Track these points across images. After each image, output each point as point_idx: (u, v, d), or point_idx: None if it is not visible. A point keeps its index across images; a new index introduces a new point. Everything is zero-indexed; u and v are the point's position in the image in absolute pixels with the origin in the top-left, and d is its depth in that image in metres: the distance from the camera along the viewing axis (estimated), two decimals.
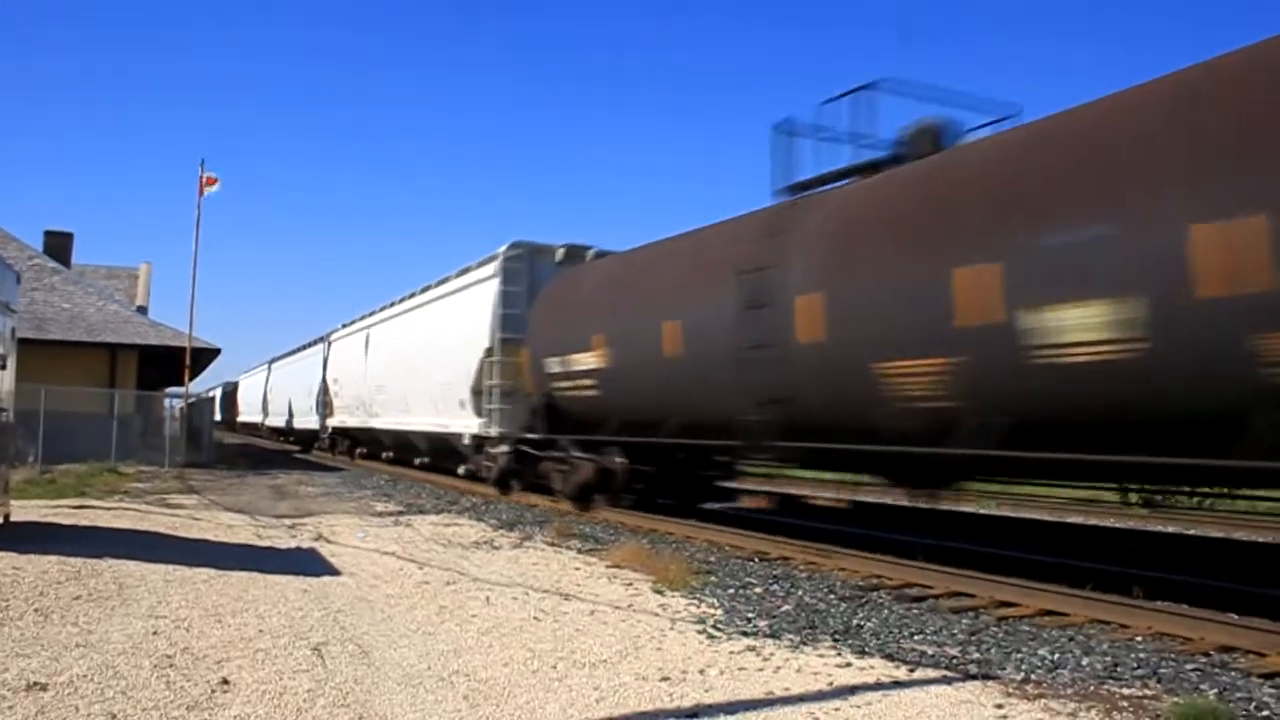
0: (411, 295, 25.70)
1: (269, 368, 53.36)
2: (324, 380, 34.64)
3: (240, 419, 68.55)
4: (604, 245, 19.17)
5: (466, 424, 19.42)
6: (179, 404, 28.57)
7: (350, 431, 31.47)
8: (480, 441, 18.94)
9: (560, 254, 18.86)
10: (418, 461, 25.23)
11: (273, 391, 50.66)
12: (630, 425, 13.56)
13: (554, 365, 15.30)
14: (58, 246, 32.92)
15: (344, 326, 33.42)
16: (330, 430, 34.11)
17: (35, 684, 5.27)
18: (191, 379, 27.70)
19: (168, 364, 28.60)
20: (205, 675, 5.59)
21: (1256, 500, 9.81)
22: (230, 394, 75.19)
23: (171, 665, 5.78)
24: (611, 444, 14.32)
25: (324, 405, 34.75)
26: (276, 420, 49.25)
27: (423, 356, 22.55)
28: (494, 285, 18.56)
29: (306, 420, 39.32)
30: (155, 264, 48.57)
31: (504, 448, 17.87)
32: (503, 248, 18.65)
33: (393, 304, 27.47)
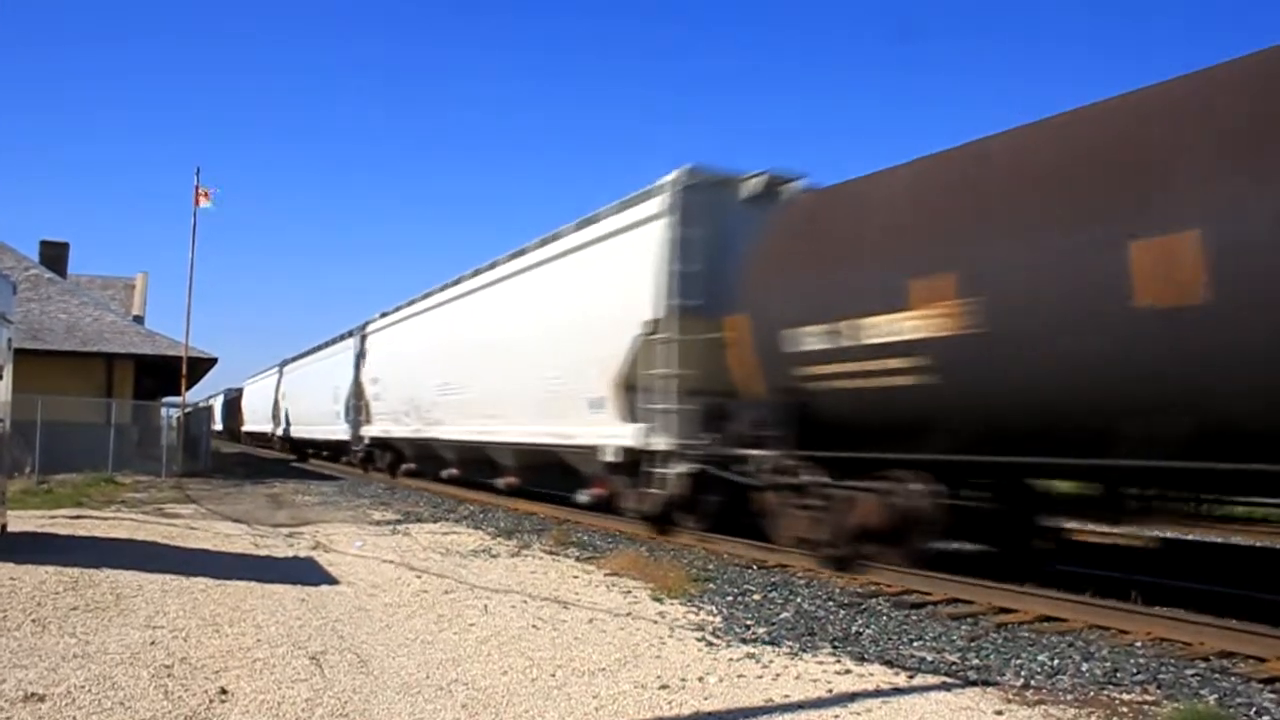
0: (493, 265, 19.80)
1: (280, 371, 47.11)
2: (357, 381, 29.42)
3: (246, 428, 61.66)
4: None
5: (609, 433, 14.00)
6: (176, 413, 28.53)
7: (394, 442, 26.25)
8: (635, 458, 13.42)
9: (754, 186, 13.15)
10: (503, 484, 19.23)
11: (287, 397, 44.63)
12: (999, 434, 8.44)
13: (809, 340, 10.11)
14: (54, 257, 32.90)
15: (384, 315, 27.97)
16: (367, 441, 28.80)
17: (33, 695, 5.25)
18: (188, 388, 27.66)
19: (164, 373, 28.56)
20: (203, 685, 5.57)
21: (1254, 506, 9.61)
22: (233, 402, 69.13)
23: (169, 675, 5.77)
24: (908, 465, 9.42)
25: (357, 411, 29.47)
26: (292, 429, 43.19)
27: (522, 342, 17.21)
28: (660, 229, 12.95)
29: (332, 429, 33.46)
30: (152, 274, 48.29)
31: (681, 468, 12.56)
32: (674, 173, 13.03)
33: (462, 279, 21.62)
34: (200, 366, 30.72)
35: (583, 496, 15.40)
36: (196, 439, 30.16)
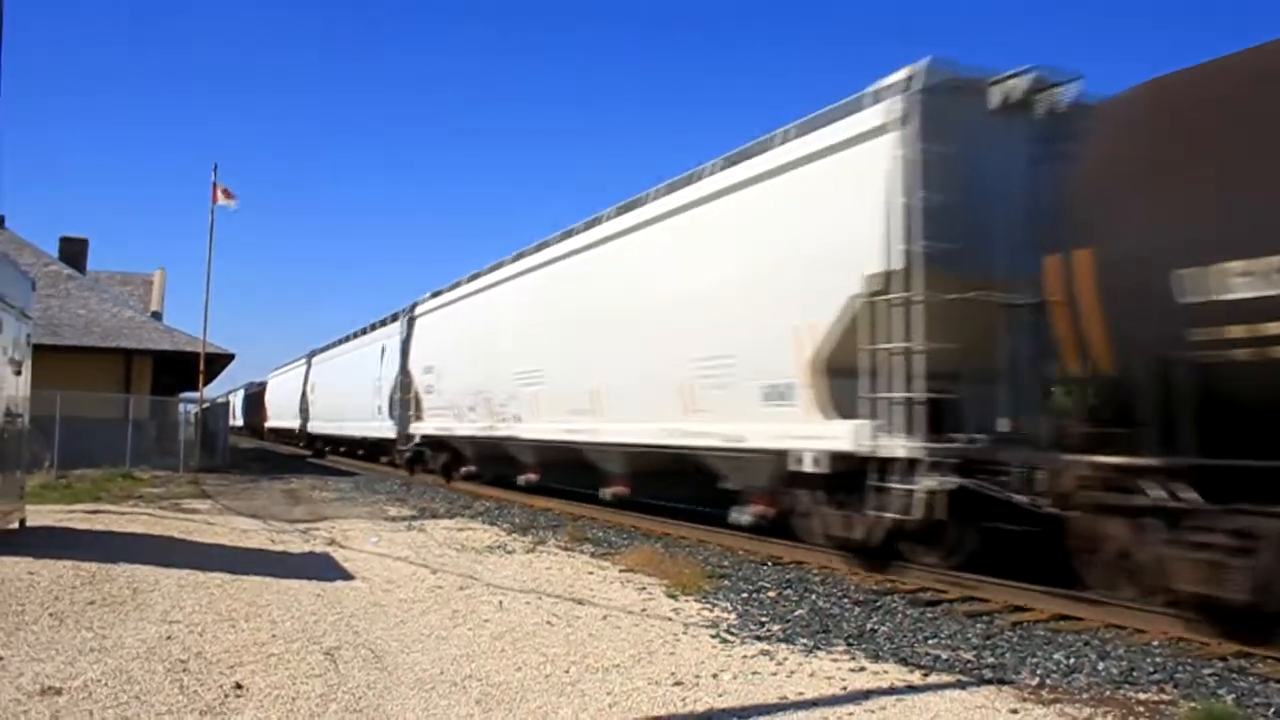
0: (596, 221, 15.60)
1: (308, 362, 43.02)
2: (404, 371, 25.46)
3: (270, 424, 57.15)
4: None
5: (805, 433, 10.27)
6: (194, 409, 28.68)
7: (452, 442, 22.30)
8: (853, 466, 9.64)
9: (1011, 91, 9.38)
10: (609, 494, 15.03)
11: (316, 390, 40.39)
12: None
13: (1240, 283, 6.40)
14: (73, 253, 33.07)
15: (437, 295, 24.19)
16: (417, 440, 24.73)
17: (50, 688, 5.29)
18: (206, 384, 27.84)
19: (182, 369, 28.72)
20: (218, 680, 5.60)
21: None
22: (256, 396, 64.36)
23: (185, 670, 5.80)
24: None
25: (404, 406, 25.45)
26: (323, 425, 38.87)
27: (650, 314, 13.30)
28: (890, 146, 9.37)
29: (371, 425, 29.48)
30: (170, 269, 48.13)
31: (932, 482, 8.79)
32: (905, 70, 9.53)
33: (549, 243, 17.44)
34: (218, 362, 30.88)
35: (743, 517, 11.46)
36: (214, 434, 30.27)
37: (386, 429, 27.62)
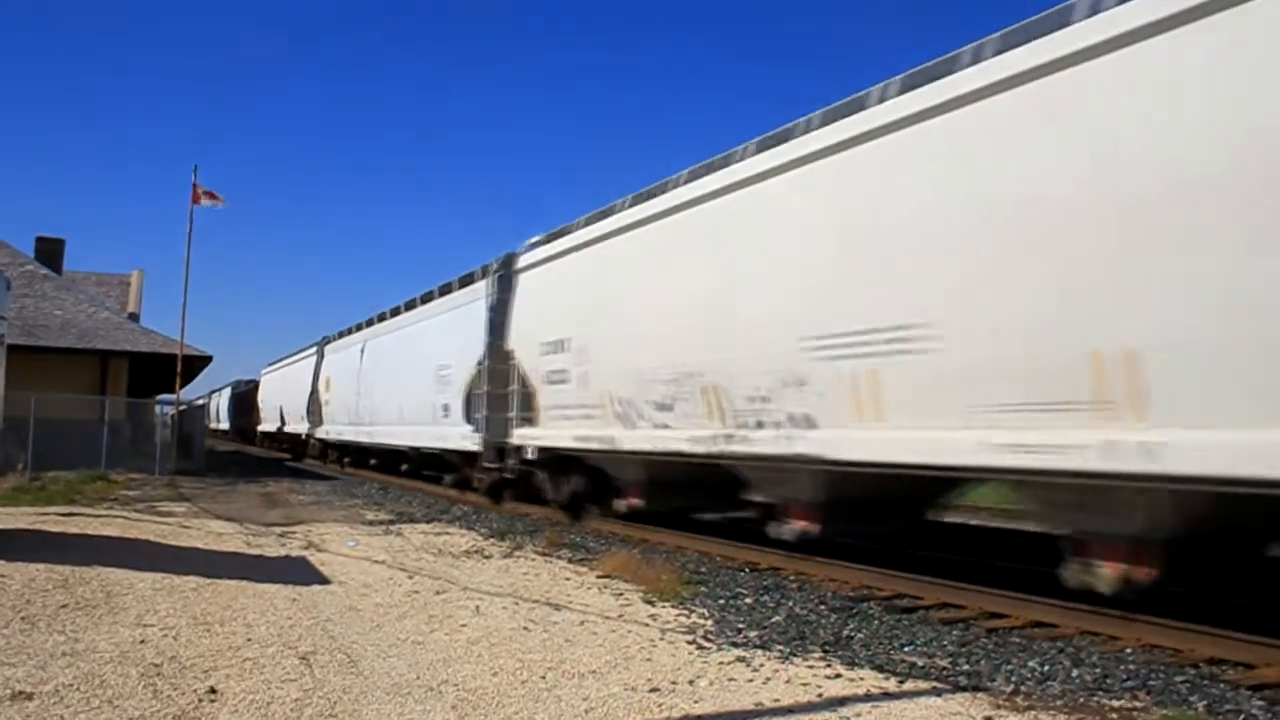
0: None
1: (319, 353, 35.24)
2: (496, 355, 17.29)
3: (263, 428, 48.85)
4: None
5: None
6: (170, 411, 28.48)
7: (602, 460, 14.31)
8: None
9: None
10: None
11: (334, 386, 32.25)
12: None
13: None
14: (49, 253, 32.82)
15: (556, 235, 15.83)
16: (529, 453, 16.07)
17: (21, 693, 5.24)
18: (183, 386, 27.61)
19: (159, 371, 28.51)
20: (192, 684, 5.56)
21: None
22: (245, 396, 57.07)
23: (159, 674, 5.76)
24: None
25: (497, 404, 17.14)
26: (344, 431, 30.37)
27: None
28: None
29: (433, 433, 21.46)
30: (147, 271, 47.41)
31: None
32: None
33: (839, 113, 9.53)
34: (196, 364, 30.69)
35: None
36: (190, 437, 30.08)
37: (461, 437, 19.31)
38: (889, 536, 10.98)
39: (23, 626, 6.89)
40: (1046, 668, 6.61)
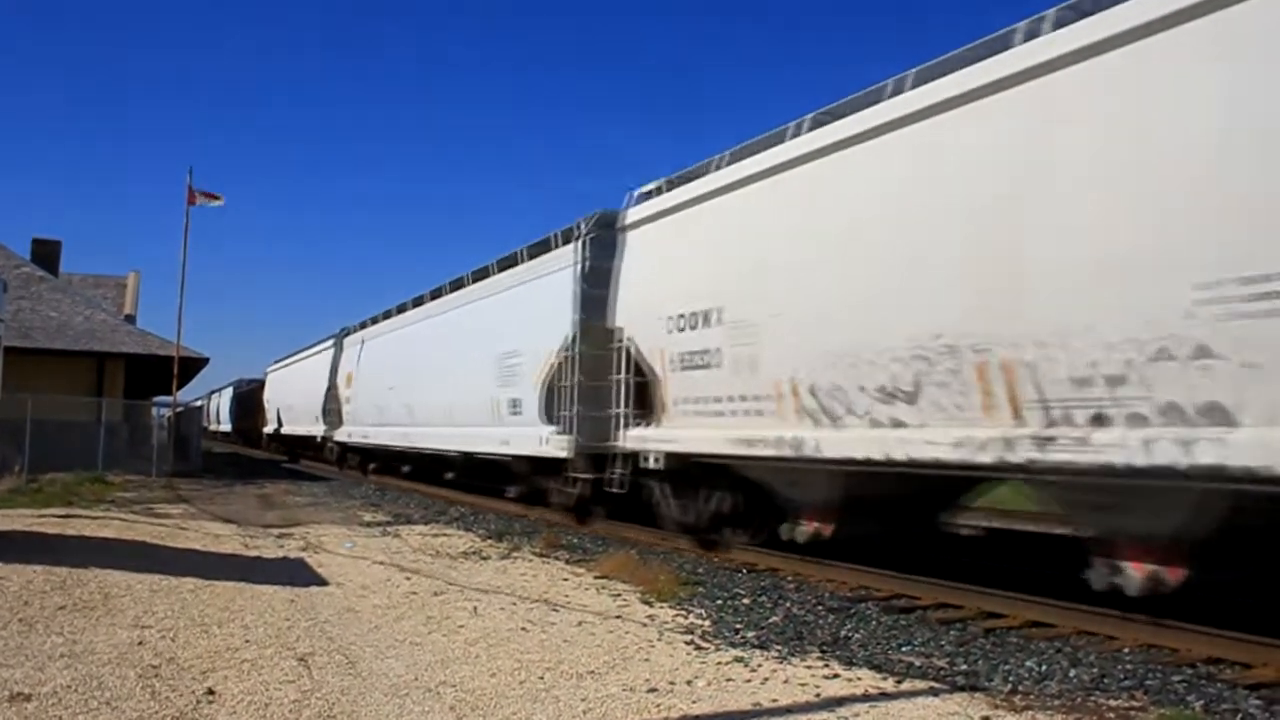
0: None
1: (337, 345, 31.84)
2: (581, 340, 13.98)
3: (271, 429, 44.60)
4: None
5: None
6: (167, 413, 28.44)
7: (761, 470, 10.77)
8: None
9: None
10: None
11: (355, 382, 28.61)
12: None
13: None
14: (45, 255, 32.71)
15: (673, 185, 13.00)
16: (651, 457, 12.41)
17: (19, 694, 5.24)
18: (179, 388, 27.57)
19: (155, 373, 28.45)
20: (190, 686, 5.56)
21: None
22: (249, 396, 52.79)
23: (157, 676, 5.75)
24: None
25: (572, 399, 13.96)
26: (373, 433, 26.50)
27: None
28: None
29: (486, 435, 17.66)
30: (144, 273, 47.16)
31: None
32: None
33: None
34: (192, 366, 30.61)
35: None
36: (187, 438, 30.04)
37: (537, 441, 15.17)
38: None
39: (20, 628, 6.88)
40: (1044, 667, 6.62)
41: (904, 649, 7.20)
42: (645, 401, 12.63)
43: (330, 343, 33.13)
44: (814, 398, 9.60)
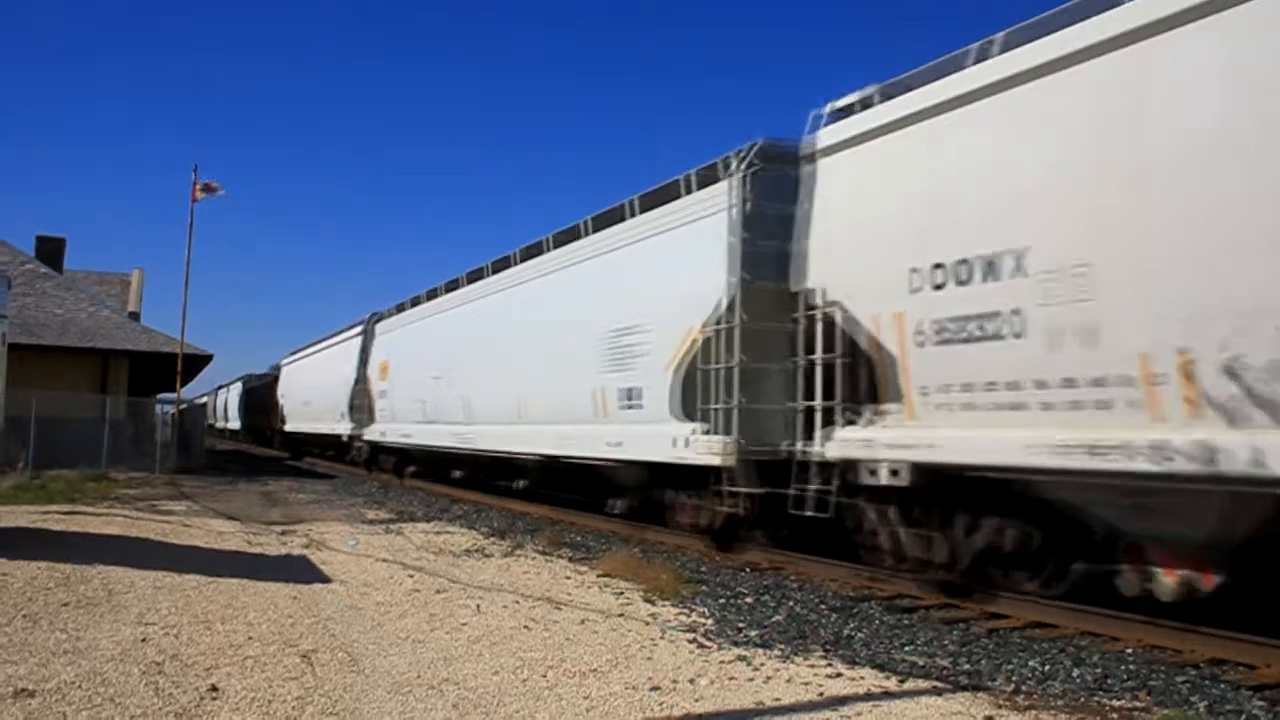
0: None
1: (366, 332, 28.30)
2: (741, 308, 10.65)
3: (291, 428, 39.62)
4: None
5: None
6: (171, 410, 28.49)
7: (1097, 495, 7.41)
8: None
9: None
10: None
11: (391, 373, 25.27)
12: None
13: None
14: (50, 252, 32.77)
15: (897, 89, 9.46)
16: (881, 469, 9.00)
17: (23, 690, 5.25)
18: (184, 385, 27.62)
19: (160, 370, 28.51)
20: (194, 682, 5.57)
21: None
22: (262, 390, 48.15)
23: (160, 672, 5.76)
24: None
25: (729, 387, 10.68)
26: (411, 431, 23.15)
27: None
28: None
29: (581, 434, 14.26)
30: (148, 270, 47.19)
31: None
32: None
33: None
34: (196, 363, 30.68)
35: None
36: (191, 436, 30.09)
37: (670, 443, 11.90)
38: None
39: (25, 624, 6.90)
40: (1047, 668, 6.62)
41: (907, 648, 7.20)
42: (860, 390, 9.51)
43: (358, 330, 28.94)
44: (1232, 381, 6.26)
